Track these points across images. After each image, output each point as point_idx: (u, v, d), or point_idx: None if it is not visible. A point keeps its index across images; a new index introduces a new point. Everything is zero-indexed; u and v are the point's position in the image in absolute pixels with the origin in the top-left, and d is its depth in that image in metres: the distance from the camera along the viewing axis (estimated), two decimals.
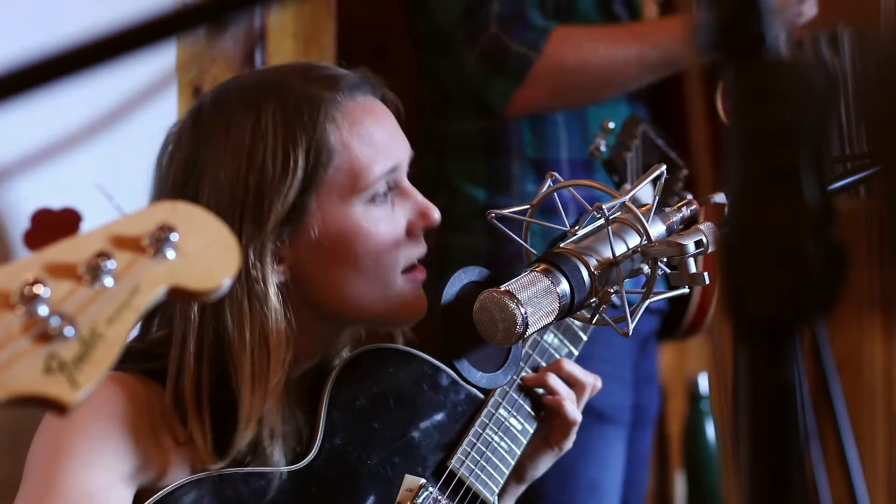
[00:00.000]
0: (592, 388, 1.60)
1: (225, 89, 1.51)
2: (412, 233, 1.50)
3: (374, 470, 1.48)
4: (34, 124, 1.75)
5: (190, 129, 1.48)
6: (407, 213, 1.51)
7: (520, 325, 1.32)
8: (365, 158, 1.47)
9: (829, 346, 1.08)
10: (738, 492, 0.72)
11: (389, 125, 1.52)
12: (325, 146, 1.44)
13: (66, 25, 1.94)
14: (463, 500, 1.52)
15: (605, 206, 1.39)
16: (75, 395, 0.78)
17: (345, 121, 1.47)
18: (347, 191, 1.46)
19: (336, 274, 1.46)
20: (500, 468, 1.54)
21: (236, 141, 1.44)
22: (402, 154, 1.52)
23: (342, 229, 1.46)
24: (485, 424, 1.55)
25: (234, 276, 0.86)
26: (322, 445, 1.46)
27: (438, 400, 1.55)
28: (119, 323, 0.81)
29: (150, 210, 0.86)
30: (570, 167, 2.24)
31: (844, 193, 1.33)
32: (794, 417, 0.71)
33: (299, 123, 1.44)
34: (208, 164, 1.45)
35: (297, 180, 1.43)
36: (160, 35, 0.72)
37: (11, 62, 0.72)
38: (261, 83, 1.50)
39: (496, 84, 2.20)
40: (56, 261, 0.81)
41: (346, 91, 1.49)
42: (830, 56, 2.07)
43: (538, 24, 2.18)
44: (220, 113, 1.47)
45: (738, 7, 0.71)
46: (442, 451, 1.53)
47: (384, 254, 1.47)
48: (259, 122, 1.44)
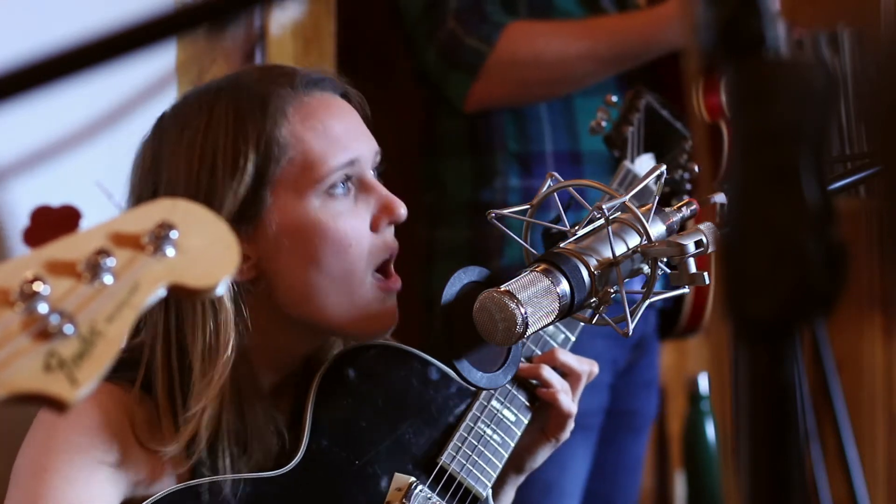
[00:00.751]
0: (589, 374, 1.58)
1: (185, 95, 1.52)
2: (376, 227, 1.48)
3: (363, 470, 1.48)
4: (34, 124, 1.75)
5: (151, 137, 1.50)
6: (370, 207, 1.48)
7: (520, 325, 1.32)
8: (319, 150, 1.45)
9: (829, 346, 1.08)
10: (738, 492, 0.72)
11: (348, 119, 1.50)
12: (276, 140, 1.43)
13: (66, 25, 1.94)
14: (454, 495, 1.51)
15: (605, 206, 1.39)
16: (75, 392, 0.78)
17: (297, 114, 1.45)
18: (303, 184, 1.44)
19: (300, 273, 1.45)
20: (492, 461, 1.53)
21: (189, 141, 1.44)
22: (362, 148, 1.49)
23: (300, 224, 1.44)
24: (476, 417, 1.54)
25: (234, 273, 0.86)
26: (308, 447, 1.46)
27: (428, 395, 1.54)
28: (119, 321, 0.81)
29: (150, 207, 0.86)
30: (554, 160, 2.24)
31: (844, 193, 1.33)
32: (794, 417, 0.71)
33: (250, 118, 1.43)
34: (165, 167, 1.45)
35: (247, 175, 1.42)
36: (160, 35, 0.72)
37: (11, 62, 0.72)
38: (218, 85, 1.50)
39: (454, 78, 2.21)
40: (56, 258, 0.81)
41: (301, 87, 1.48)
42: (830, 56, 2.07)
43: (494, 19, 2.18)
44: (177, 116, 1.48)
45: (738, 7, 0.71)
46: (433, 446, 1.52)
47: (346, 249, 1.45)
48: (211, 121, 1.44)
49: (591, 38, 2.17)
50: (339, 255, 1.45)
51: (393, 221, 1.50)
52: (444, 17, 2.19)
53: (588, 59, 2.16)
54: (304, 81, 1.48)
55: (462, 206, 2.27)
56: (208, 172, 1.42)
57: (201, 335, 1.41)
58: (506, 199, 2.23)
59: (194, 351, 1.41)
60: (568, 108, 2.24)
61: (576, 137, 2.24)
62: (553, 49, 2.17)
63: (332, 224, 1.45)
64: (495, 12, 2.19)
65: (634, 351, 2.33)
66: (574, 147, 2.24)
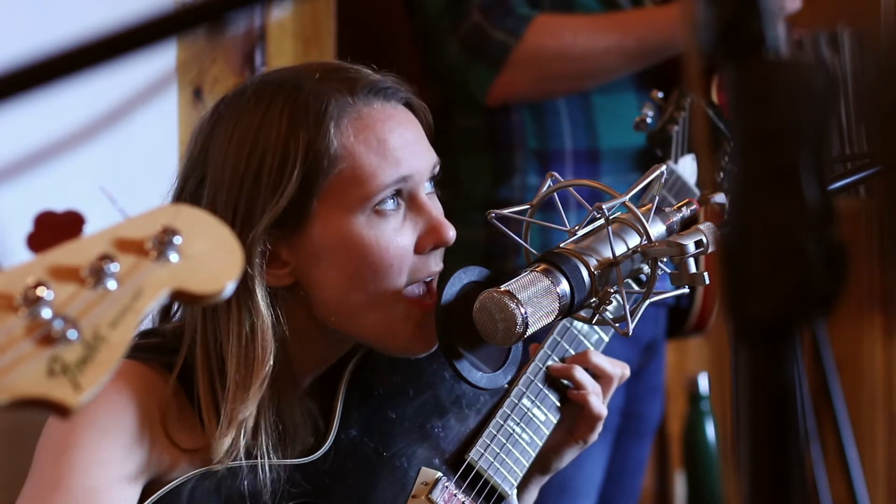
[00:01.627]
0: (621, 377, 1.56)
1: (247, 82, 1.48)
2: (421, 249, 1.44)
3: (390, 462, 1.47)
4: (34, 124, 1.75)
5: (207, 120, 1.46)
6: (418, 228, 1.44)
7: (520, 325, 1.32)
8: (370, 166, 1.40)
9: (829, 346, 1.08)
10: (738, 492, 0.72)
11: (406, 133, 1.44)
12: (326, 151, 1.39)
13: (66, 25, 1.94)
14: (480, 492, 1.50)
15: (605, 206, 1.39)
16: (78, 397, 0.78)
17: (351, 125, 1.40)
18: (350, 199, 1.40)
19: (335, 285, 1.42)
20: (520, 461, 1.52)
21: (241, 136, 1.40)
22: (417, 164, 1.43)
23: (342, 238, 1.40)
24: (506, 415, 1.53)
25: (237, 279, 0.86)
26: (337, 437, 1.45)
27: (459, 389, 1.53)
28: (122, 326, 0.81)
29: (154, 213, 0.86)
30: (573, 158, 2.24)
31: (844, 193, 1.33)
32: (794, 417, 0.71)
33: (303, 124, 1.39)
34: (214, 157, 1.42)
35: (292, 184, 1.38)
36: (160, 35, 0.72)
37: (11, 62, 0.72)
38: (279, 78, 1.45)
39: (477, 71, 2.20)
40: (59, 263, 0.81)
41: (363, 94, 1.42)
42: (830, 56, 2.07)
43: (520, 12, 2.18)
44: (234, 104, 1.44)
45: (738, 7, 0.71)
46: (461, 442, 1.52)
47: (385, 270, 1.41)
48: (266, 117, 1.40)
49: (619, 32, 2.17)
50: (378, 275, 1.41)
51: (439, 245, 1.45)
52: (468, 10, 2.19)
53: (615, 53, 2.16)
54: (365, 89, 1.43)
55: (479, 205, 2.26)
56: (253, 176, 1.38)
57: (236, 341, 1.39)
58: (523, 197, 2.22)
59: (229, 357, 1.39)
60: (587, 106, 2.24)
61: (594, 135, 2.24)
62: (580, 43, 2.16)
63: (375, 243, 1.40)
64: (520, 5, 2.19)
65: (645, 353, 2.32)
66: (592, 145, 2.23)
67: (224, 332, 1.40)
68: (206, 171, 1.42)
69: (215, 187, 1.41)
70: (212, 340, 1.41)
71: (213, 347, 1.41)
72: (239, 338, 1.39)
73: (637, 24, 2.19)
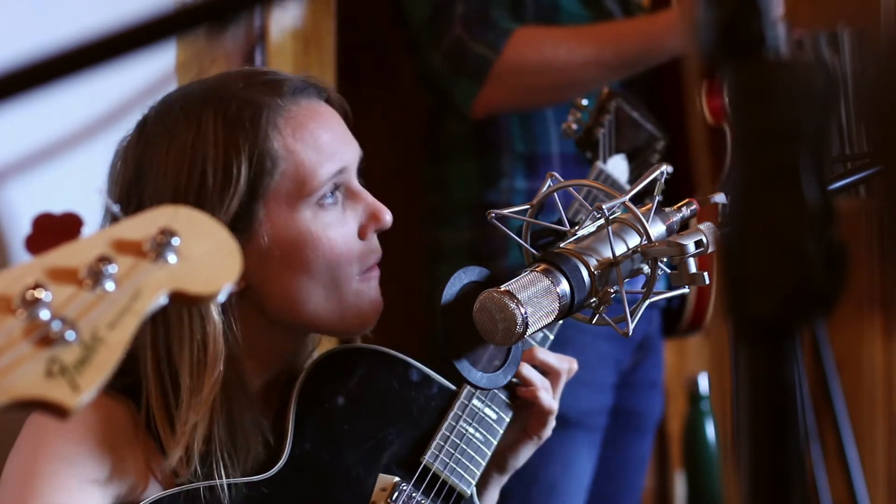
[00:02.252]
0: (569, 371, 1.59)
1: (168, 100, 1.50)
2: (364, 235, 1.49)
3: (347, 472, 1.48)
4: (34, 125, 1.75)
5: (134, 143, 1.48)
6: (358, 215, 1.50)
7: (520, 325, 1.32)
8: (310, 163, 1.45)
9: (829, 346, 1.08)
10: (738, 492, 0.72)
11: (335, 127, 1.50)
12: (268, 153, 1.43)
13: (66, 25, 1.94)
14: (438, 494, 1.51)
15: (605, 206, 1.38)
16: (76, 399, 0.78)
17: (287, 126, 1.45)
18: (295, 196, 1.45)
19: (290, 282, 1.45)
20: (475, 459, 1.53)
21: (177, 153, 1.43)
22: (349, 156, 1.50)
23: (292, 236, 1.45)
24: (458, 416, 1.54)
25: (235, 280, 0.86)
26: (292, 452, 1.46)
27: (410, 395, 1.54)
28: (120, 327, 0.81)
29: (152, 214, 0.86)
30: (560, 162, 2.24)
31: (844, 193, 1.33)
32: (794, 417, 0.71)
33: (241, 131, 1.42)
34: (150, 179, 1.44)
35: (239, 189, 1.41)
36: (160, 35, 0.72)
37: (11, 62, 0.72)
38: (203, 92, 1.48)
39: (460, 84, 2.21)
40: (57, 265, 0.81)
41: (289, 95, 1.47)
42: (830, 56, 2.07)
43: (501, 26, 2.19)
44: (162, 125, 1.46)
45: (738, 7, 0.71)
46: (416, 446, 1.53)
47: (336, 259, 1.46)
48: (199, 132, 1.43)
49: (598, 44, 2.17)
50: (330, 263, 1.46)
51: (379, 228, 1.51)
52: (450, 23, 2.19)
53: (594, 65, 2.17)
54: (290, 90, 1.48)
55: (467, 208, 2.28)
56: (197, 187, 1.41)
57: (188, 349, 1.41)
58: (511, 201, 2.23)
59: (182, 365, 1.41)
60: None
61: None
62: (560, 55, 2.17)
63: (324, 234, 1.46)
64: (502, 18, 2.19)
65: (638, 351, 2.33)
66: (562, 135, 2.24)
67: (176, 342, 1.41)
68: (143, 193, 1.44)
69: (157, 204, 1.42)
70: (163, 351, 1.42)
71: (164, 358, 1.42)
72: (191, 345, 1.41)
73: (615, 36, 2.19)
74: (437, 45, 2.21)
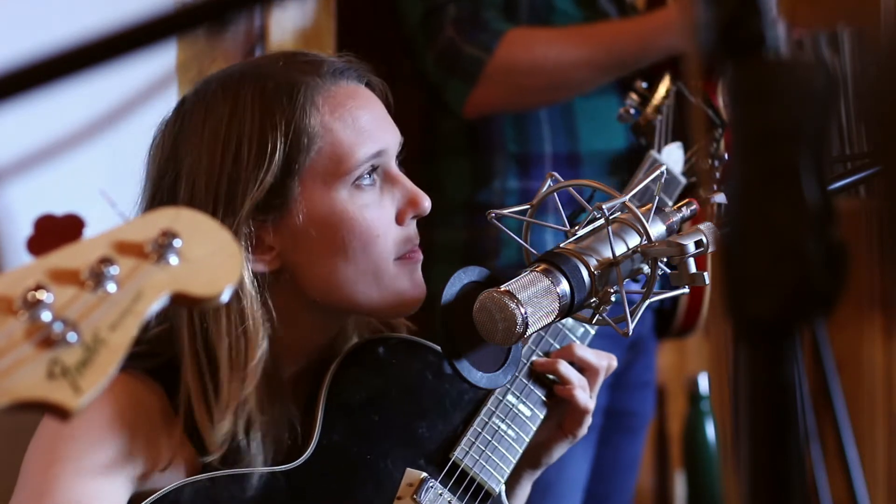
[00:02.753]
0: (608, 369, 1.57)
1: (208, 80, 1.49)
2: (401, 220, 1.48)
3: (374, 464, 1.47)
4: (34, 125, 1.75)
5: (172, 121, 1.47)
6: (396, 200, 1.48)
7: (520, 325, 1.32)
8: (348, 142, 1.44)
9: (829, 346, 1.08)
10: (738, 492, 0.72)
11: (375, 110, 1.49)
12: (305, 129, 1.42)
13: (66, 25, 1.94)
14: (466, 491, 1.50)
15: (605, 206, 1.39)
16: (78, 400, 0.78)
17: (326, 104, 1.44)
18: (331, 175, 1.43)
19: (325, 262, 1.44)
20: (506, 457, 1.52)
21: (213, 129, 1.42)
22: (388, 139, 1.49)
23: (327, 215, 1.43)
24: (491, 412, 1.53)
25: (237, 283, 0.86)
26: (319, 441, 1.45)
27: (443, 389, 1.53)
28: (122, 329, 0.81)
29: (153, 216, 0.86)
30: (553, 162, 2.24)
31: (844, 193, 1.33)
32: (794, 417, 0.71)
33: (278, 107, 1.42)
34: (187, 153, 1.43)
35: (274, 164, 1.40)
36: (160, 35, 0.72)
37: (11, 62, 0.72)
38: (241, 71, 1.48)
39: (452, 85, 2.22)
40: (59, 266, 0.81)
41: (329, 76, 1.46)
42: (830, 56, 2.07)
43: (493, 27, 2.19)
44: (200, 102, 1.45)
45: (738, 7, 0.71)
46: (446, 441, 1.51)
47: (372, 241, 1.44)
48: (236, 108, 1.42)
49: (589, 44, 2.17)
50: (367, 246, 1.44)
51: (418, 214, 1.49)
52: (442, 24, 2.20)
53: (586, 65, 2.17)
54: (330, 70, 1.47)
55: (460, 207, 2.28)
56: (232, 161, 1.40)
57: (225, 324, 1.40)
58: (503, 201, 2.23)
59: (221, 345, 1.40)
60: (567, 110, 2.25)
61: (575, 139, 2.25)
62: (551, 56, 2.17)
63: (360, 215, 1.44)
64: (494, 19, 2.20)
65: (631, 351, 2.33)
66: (573, 148, 2.24)
67: (213, 321, 1.40)
68: (180, 168, 1.43)
69: (192, 180, 1.42)
70: (199, 332, 1.41)
71: (200, 339, 1.41)
72: (229, 324, 1.40)
73: (608, 36, 2.19)
74: (430, 46, 2.22)
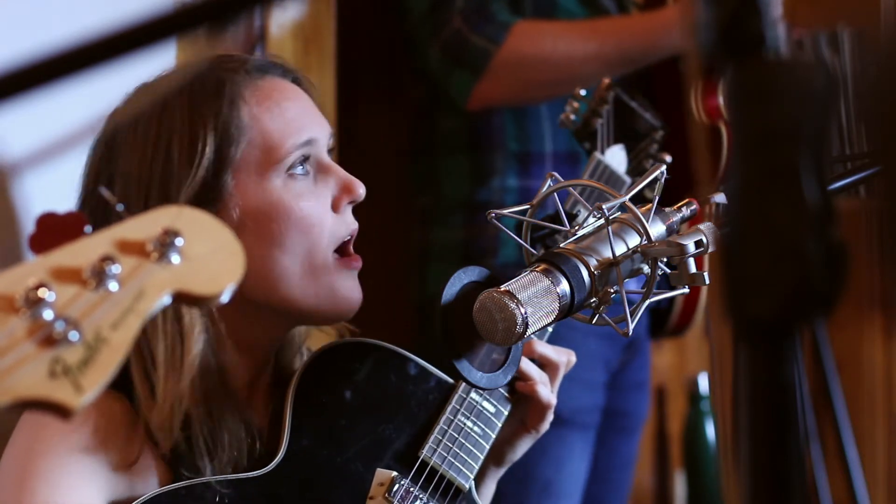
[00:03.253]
0: (567, 364, 1.59)
1: (136, 89, 1.52)
2: (337, 208, 1.49)
3: (344, 467, 1.48)
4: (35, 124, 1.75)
5: (103, 130, 1.49)
6: (331, 188, 1.49)
7: (520, 325, 1.32)
8: (277, 132, 1.45)
9: (829, 346, 1.08)
10: (738, 492, 0.72)
11: (302, 102, 1.51)
12: (234, 123, 1.43)
13: (66, 25, 1.94)
14: (437, 488, 1.51)
15: (605, 207, 1.38)
16: (79, 399, 0.78)
17: (253, 97, 1.46)
18: (263, 166, 1.45)
19: (262, 254, 1.44)
20: (473, 453, 1.53)
21: (144, 130, 1.44)
22: (317, 129, 1.50)
23: (262, 206, 1.44)
24: (456, 410, 1.54)
25: (239, 281, 0.86)
26: (289, 448, 1.46)
27: (407, 389, 1.54)
28: (124, 327, 0.81)
29: (155, 215, 0.86)
30: (553, 160, 2.25)
31: (844, 193, 1.33)
32: (794, 417, 0.71)
33: (205, 103, 1.43)
34: (119, 156, 1.45)
35: (206, 159, 1.42)
36: (160, 35, 0.72)
37: (11, 62, 0.72)
38: (169, 75, 1.50)
39: (458, 77, 2.21)
40: (61, 265, 0.81)
41: (255, 71, 1.48)
42: (830, 56, 2.07)
43: (500, 19, 2.19)
44: (130, 106, 1.48)
45: (738, 7, 0.71)
46: (414, 440, 1.53)
47: (310, 229, 1.45)
48: (165, 108, 1.44)
49: (598, 39, 2.17)
50: (303, 235, 1.45)
51: (353, 201, 1.50)
52: (449, 15, 2.20)
53: (594, 60, 2.17)
54: (255, 66, 1.49)
55: (458, 206, 2.28)
56: (163, 158, 1.42)
57: (162, 326, 1.40)
58: (503, 199, 2.23)
59: (158, 345, 1.40)
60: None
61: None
62: (559, 50, 2.17)
63: (295, 204, 1.45)
64: (501, 11, 2.20)
65: (627, 351, 2.33)
66: (573, 147, 2.24)
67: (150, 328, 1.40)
68: (114, 170, 1.45)
69: (125, 180, 1.44)
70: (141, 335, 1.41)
71: (142, 342, 1.41)
72: (164, 321, 1.40)
73: (616, 32, 2.19)
74: (436, 37, 2.22)
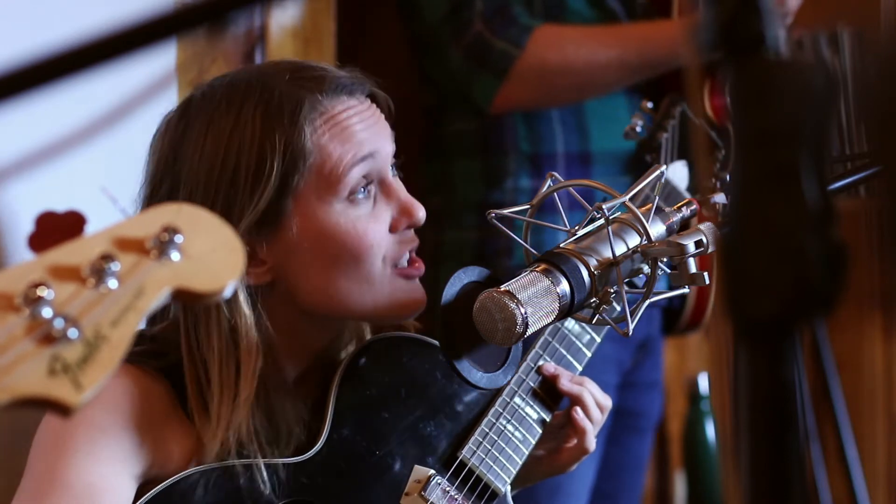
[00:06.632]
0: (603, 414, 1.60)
1: (215, 84, 1.50)
2: (395, 230, 1.49)
3: (382, 461, 1.48)
4: (34, 125, 1.75)
5: (175, 122, 1.48)
6: (390, 210, 1.49)
7: (520, 325, 1.32)
8: (339, 157, 1.44)
9: (829, 346, 1.08)
10: (738, 492, 0.72)
11: (368, 119, 1.49)
12: (301, 150, 1.43)
13: (66, 25, 1.94)
14: (473, 489, 1.51)
15: (605, 206, 1.39)
16: (79, 397, 0.78)
17: (325, 125, 1.45)
18: (324, 190, 1.44)
19: (318, 274, 1.45)
20: (512, 458, 1.53)
21: (214, 139, 1.43)
22: (379, 145, 1.49)
23: (320, 229, 1.44)
24: (498, 413, 1.54)
25: (239, 278, 0.86)
26: (329, 436, 1.46)
27: (452, 388, 1.54)
28: (123, 325, 0.81)
29: (155, 212, 0.86)
30: (566, 161, 2.24)
31: (844, 193, 1.33)
32: (794, 417, 0.71)
33: (279, 126, 1.42)
34: (186, 160, 1.44)
35: (270, 187, 1.42)
36: (160, 35, 0.72)
37: (11, 62, 0.72)
38: (248, 80, 1.48)
39: (480, 81, 2.21)
40: (60, 263, 0.81)
41: (330, 91, 1.47)
42: (830, 56, 2.07)
43: (522, 22, 2.19)
44: (205, 107, 1.46)
45: (738, 7, 0.71)
46: (454, 440, 1.53)
47: (363, 252, 1.45)
48: (238, 122, 1.43)
49: (621, 46, 2.17)
50: (359, 258, 1.45)
51: (412, 225, 1.50)
52: (470, 19, 2.19)
53: (616, 66, 2.17)
54: (332, 86, 1.47)
55: (471, 208, 2.27)
56: (229, 179, 1.41)
57: (216, 342, 1.41)
58: (516, 200, 2.23)
59: (210, 358, 1.41)
60: (579, 109, 2.25)
61: (586, 138, 2.25)
62: (582, 55, 2.17)
63: (352, 228, 1.45)
64: (522, 14, 2.19)
65: (639, 351, 2.33)
66: (584, 148, 2.24)
67: (204, 335, 1.42)
68: (179, 177, 1.45)
69: (189, 192, 1.43)
70: (194, 344, 1.43)
71: (195, 350, 1.43)
72: (220, 339, 1.41)
73: (638, 39, 2.19)
74: (456, 41, 2.21)
